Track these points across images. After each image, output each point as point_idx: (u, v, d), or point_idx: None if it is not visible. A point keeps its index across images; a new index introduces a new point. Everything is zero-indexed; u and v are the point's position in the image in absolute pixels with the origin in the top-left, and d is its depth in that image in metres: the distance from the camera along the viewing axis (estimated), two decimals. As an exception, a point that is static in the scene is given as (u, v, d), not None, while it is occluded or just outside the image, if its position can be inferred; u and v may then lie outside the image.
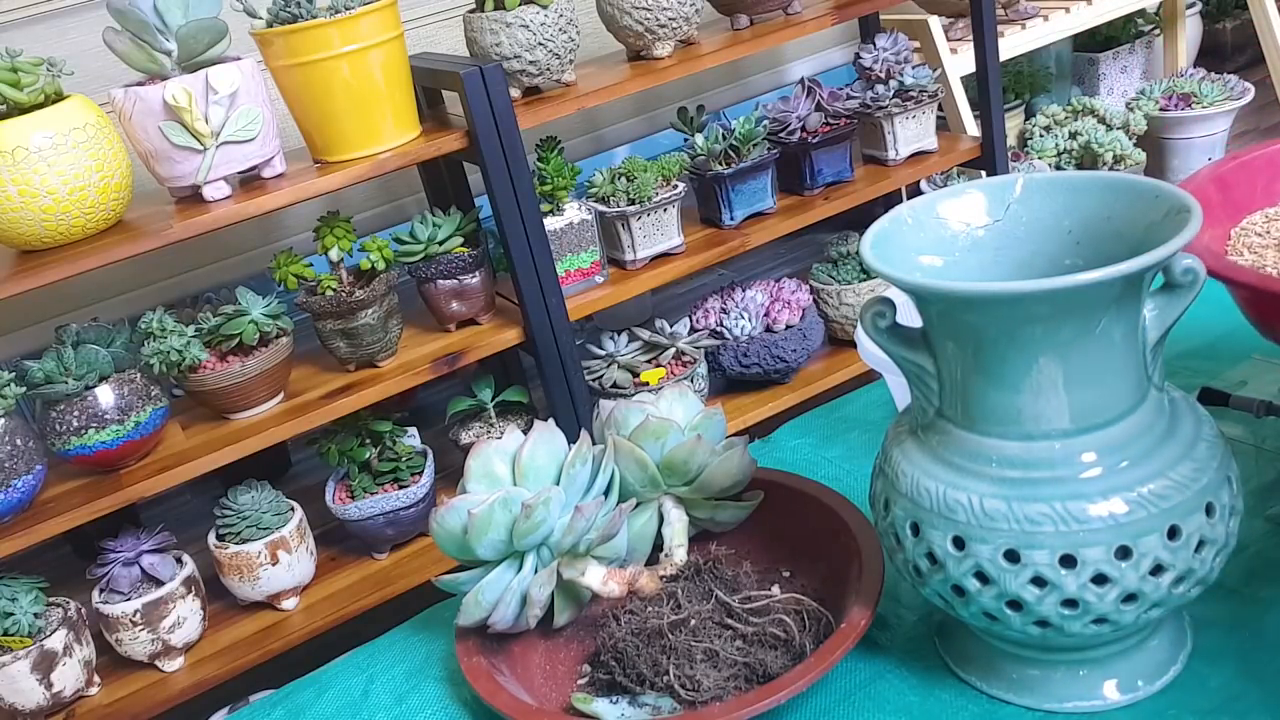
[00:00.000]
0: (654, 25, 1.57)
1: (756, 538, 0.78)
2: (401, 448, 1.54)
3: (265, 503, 1.45)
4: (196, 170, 1.28)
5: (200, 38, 1.25)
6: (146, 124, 1.25)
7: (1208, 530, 0.55)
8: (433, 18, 1.80)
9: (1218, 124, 2.47)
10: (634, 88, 1.55)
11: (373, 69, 1.34)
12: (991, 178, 0.65)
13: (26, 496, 1.26)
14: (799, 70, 2.25)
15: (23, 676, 1.28)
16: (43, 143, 1.18)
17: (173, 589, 1.37)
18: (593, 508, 0.73)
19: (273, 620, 1.47)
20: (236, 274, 1.68)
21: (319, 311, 1.43)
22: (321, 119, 1.36)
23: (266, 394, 1.42)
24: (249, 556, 1.41)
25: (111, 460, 1.31)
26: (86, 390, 1.28)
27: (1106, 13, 2.34)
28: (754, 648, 0.66)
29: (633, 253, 1.64)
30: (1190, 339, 0.88)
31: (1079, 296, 0.51)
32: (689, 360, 1.70)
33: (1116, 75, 2.72)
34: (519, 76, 1.50)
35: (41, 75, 1.22)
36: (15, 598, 1.29)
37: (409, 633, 0.82)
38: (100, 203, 1.24)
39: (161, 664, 1.40)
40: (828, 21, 1.69)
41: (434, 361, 1.47)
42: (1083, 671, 0.61)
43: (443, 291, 1.51)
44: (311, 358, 1.53)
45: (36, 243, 1.23)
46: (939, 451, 0.59)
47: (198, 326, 1.37)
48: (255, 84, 1.29)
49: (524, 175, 1.43)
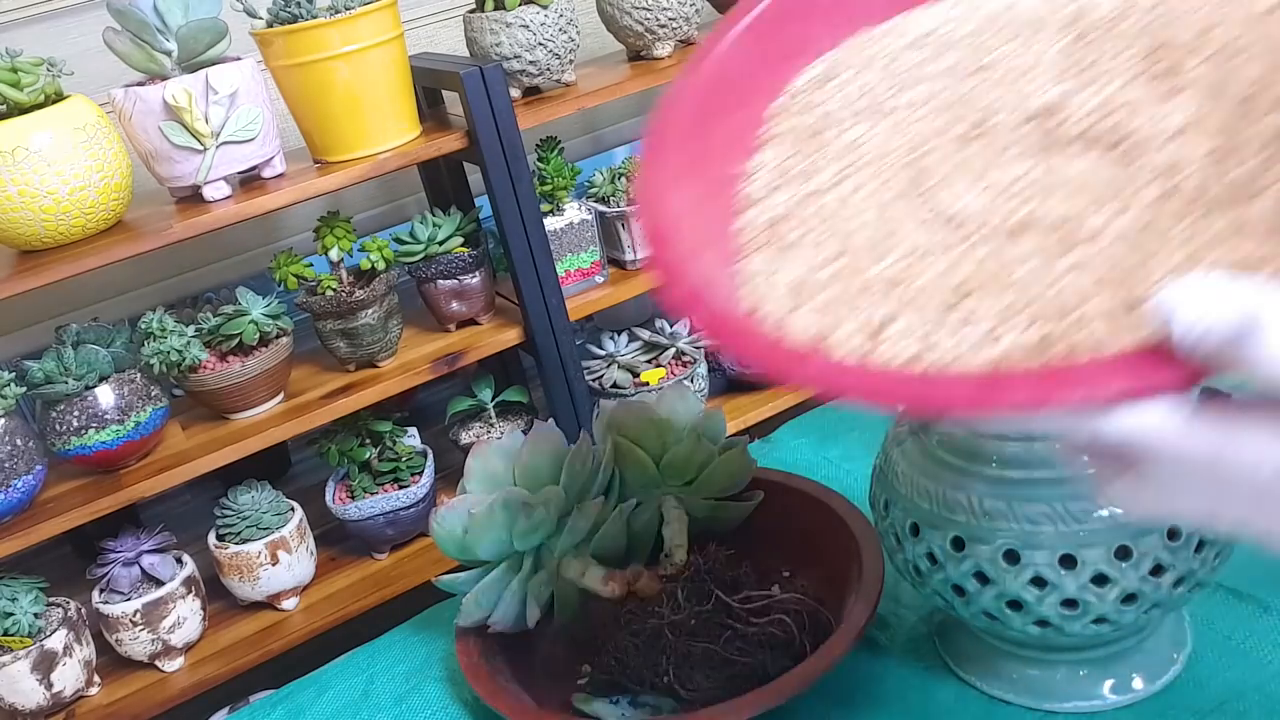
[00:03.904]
0: (654, 25, 1.57)
1: (756, 538, 0.78)
2: (401, 448, 1.54)
3: (265, 503, 1.45)
4: (196, 170, 1.28)
5: (200, 38, 1.25)
6: (146, 124, 1.25)
7: (1208, 531, 0.55)
8: (433, 18, 1.80)
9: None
10: (634, 88, 1.55)
11: (373, 69, 1.34)
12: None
13: (26, 496, 1.26)
14: (799, 70, 2.24)
15: (23, 676, 1.28)
16: (43, 143, 1.18)
17: (173, 589, 1.37)
18: (592, 508, 0.73)
19: (273, 620, 1.47)
20: (236, 274, 1.68)
21: (319, 311, 1.43)
22: (321, 119, 1.36)
23: (266, 394, 1.42)
24: (249, 556, 1.41)
25: (111, 460, 1.31)
26: (86, 390, 1.28)
27: (1106, 13, 2.34)
28: (754, 648, 0.66)
29: (633, 253, 1.64)
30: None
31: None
32: (689, 360, 1.70)
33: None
34: (519, 76, 1.50)
35: (41, 75, 1.22)
36: (15, 598, 1.29)
37: (409, 633, 0.82)
38: (100, 203, 1.24)
39: (161, 664, 1.40)
40: (828, 21, 1.69)
41: (434, 361, 1.47)
42: (1083, 671, 0.61)
43: (443, 291, 1.51)
44: (311, 358, 1.53)
45: (36, 243, 1.23)
46: (939, 452, 0.59)
47: (198, 327, 1.37)
48: (255, 84, 1.29)
49: (524, 175, 1.43)
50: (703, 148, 0.55)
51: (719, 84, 0.57)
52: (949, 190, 0.48)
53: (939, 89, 0.54)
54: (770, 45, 0.59)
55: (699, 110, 0.55)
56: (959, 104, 0.52)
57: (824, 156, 0.54)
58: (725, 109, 0.57)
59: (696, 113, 0.55)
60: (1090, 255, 0.42)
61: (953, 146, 0.50)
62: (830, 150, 0.54)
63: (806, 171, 0.54)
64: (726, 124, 0.57)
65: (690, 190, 0.52)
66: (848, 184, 0.52)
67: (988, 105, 0.51)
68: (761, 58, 0.59)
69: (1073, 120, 0.48)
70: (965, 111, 0.52)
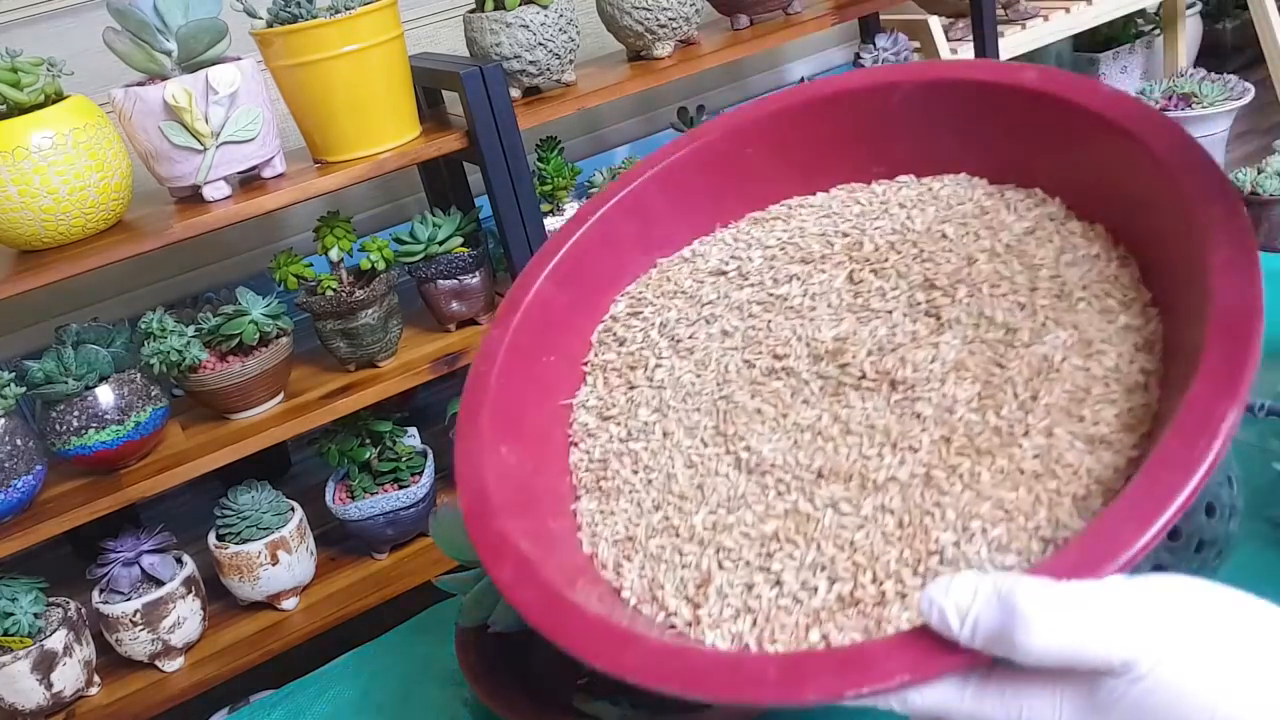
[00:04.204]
0: (654, 25, 1.57)
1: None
2: (401, 448, 1.54)
3: (265, 503, 1.45)
4: (196, 170, 1.28)
5: (200, 38, 1.25)
6: (146, 124, 1.25)
7: (1208, 531, 0.55)
8: (433, 18, 1.80)
9: (1218, 124, 2.47)
10: (634, 88, 1.55)
11: (373, 69, 1.33)
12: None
13: (26, 496, 1.26)
14: (799, 70, 2.25)
15: (23, 676, 1.28)
16: (42, 143, 1.18)
17: (173, 589, 1.37)
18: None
19: (273, 620, 1.47)
20: (236, 274, 1.68)
21: (319, 311, 1.43)
22: (321, 119, 1.36)
23: (266, 394, 1.42)
24: (249, 556, 1.41)
25: (111, 460, 1.31)
26: (86, 390, 1.28)
27: (1107, 13, 2.34)
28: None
29: (633, 253, 1.64)
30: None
31: (1079, 297, 0.51)
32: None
33: (1117, 75, 2.72)
34: (519, 76, 1.50)
35: (41, 75, 1.22)
36: (15, 598, 1.29)
37: (409, 633, 0.82)
38: (100, 203, 1.24)
39: (161, 664, 1.40)
40: (828, 21, 1.69)
41: (434, 362, 1.47)
42: (1083, 672, 0.61)
43: (443, 291, 1.51)
44: (311, 358, 1.53)
45: (36, 243, 1.23)
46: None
47: (198, 327, 1.37)
48: (255, 84, 1.29)
49: (524, 175, 1.43)
50: (522, 393, 0.56)
51: (532, 329, 0.58)
52: (753, 435, 0.51)
53: (738, 323, 0.57)
54: (576, 284, 0.61)
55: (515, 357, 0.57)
56: (758, 339, 0.55)
57: (638, 396, 0.56)
58: (541, 350, 0.58)
59: (513, 360, 0.56)
60: (879, 507, 0.45)
61: (754, 387, 0.53)
62: (643, 391, 0.56)
63: (624, 411, 0.56)
64: (544, 366, 0.58)
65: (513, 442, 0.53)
66: (658, 429, 0.54)
67: (784, 340, 0.54)
68: (569, 300, 0.60)
69: (856, 363, 0.51)
70: (763, 348, 0.54)
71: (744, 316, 0.57)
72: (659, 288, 0.61)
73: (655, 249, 0.63)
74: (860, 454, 0.47)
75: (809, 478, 0.48)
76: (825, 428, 0.49)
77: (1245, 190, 2.29)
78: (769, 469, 0.49)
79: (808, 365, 0.52)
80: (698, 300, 0.59)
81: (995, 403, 0.46)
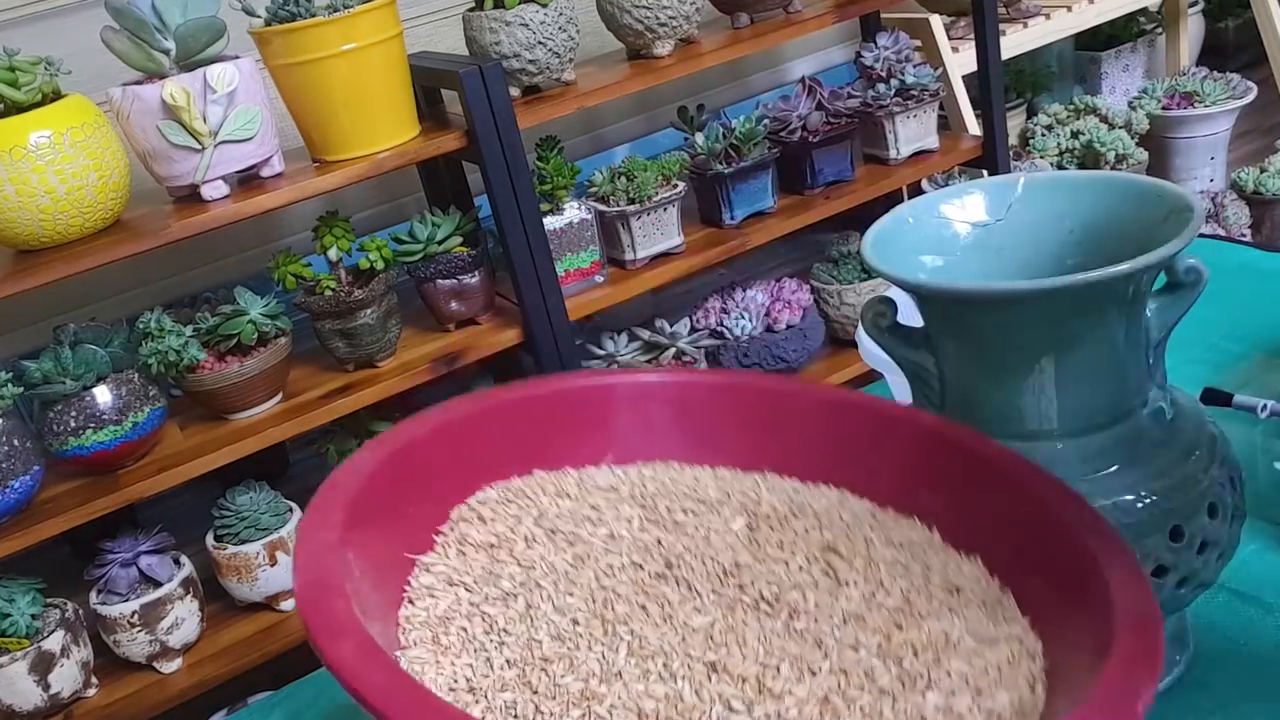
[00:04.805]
0: (654, 24, 1.56)
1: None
2: (401, 448, 1.53)
3: (264, 503, 1.44)
4: (195, 169, 1.27)
5: (199, 36, 1.24)
6: (144, 123, 1.24)
7: (1210, 531, 0.54)
8: (432, 16, 1.79)
9: (1220, 123, 2.46)
10: (634, 87, 1.55)
11: (371, 68, 1.33)
12: (993, 177, 0.65)
13: (24, 497, 1.26)
14: (800, 69, 2.24)
15: (20, 678, 1.27)
16: (40, 142, 1.17)
17: (171, 590, 1.37)
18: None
19: (271, 621, 1.46)
20: (235, 274, 1.67)
21: (318, 311, 1.42)
22: (320, 118, 1.36)
23: (265, 394, 1.41)
24: (247, 557, 1.41)
25: (109, 461, 1.31)
26: (84, 390, 1.28)
27: (1109, 11, 2.34)
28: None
29: (633, 252, 1.64)
30: (1193, 338, 0.88)
31: (1080, 296, 0.51)
32: (689, 360, 1.69)
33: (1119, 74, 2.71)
34: (518, 75, 1.50)
35: (39, 74, 1.21)
36: (13, 599, 1.28)
37: (406, 634, 0.82)
38: (98, 202, 1.23)
39: (159, 665, 1.39)
40: (828, 20, 1.68)
41: (433, 362, 1.47)
42: (1084, 675, 0.60)
43: (442, 291, 1.50)
44: (310, 358, 1.53)
45: (34, 242, 1.23)
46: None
47: (196, 326, 1.37)
48: (254, 83, 1.29)
49: (524, 175, 1.43)
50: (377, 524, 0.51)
51: (408, 467, 0.54)
52: (637, 623, 0.48)
53: (625, 532, 0.54)
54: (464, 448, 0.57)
55: (382, 483, 0.52)
56: (647, 546, 0.53)
57: (500, 570, 0.52)
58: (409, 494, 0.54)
59: (378, 485, 0.51)
60: (771, 715, 0.42)
61: (641, 586, 0.50)
62: (506, 566, 0.52)
63: (480, 580, 0.51)
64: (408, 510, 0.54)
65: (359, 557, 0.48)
66: (521, 600, 0.50)
67: (678, 553, 0.52)
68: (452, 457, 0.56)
69: (754, 589, 0.49)
70: (654, 554, 0.53)
71: (634, 529, 0.54)
72: (538, 485, 0.57)
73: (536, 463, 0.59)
74: (758, 661, 0.44)
75: (700, 669, 0.44)
76: (719, 634, 0.46)
77: (1247, 190, 2.29)
78: (654, 654, 0.45)
79: (702, 580, 0.50)
80: (583, 502, 0.56)
81: (896, 656, 0.45)
